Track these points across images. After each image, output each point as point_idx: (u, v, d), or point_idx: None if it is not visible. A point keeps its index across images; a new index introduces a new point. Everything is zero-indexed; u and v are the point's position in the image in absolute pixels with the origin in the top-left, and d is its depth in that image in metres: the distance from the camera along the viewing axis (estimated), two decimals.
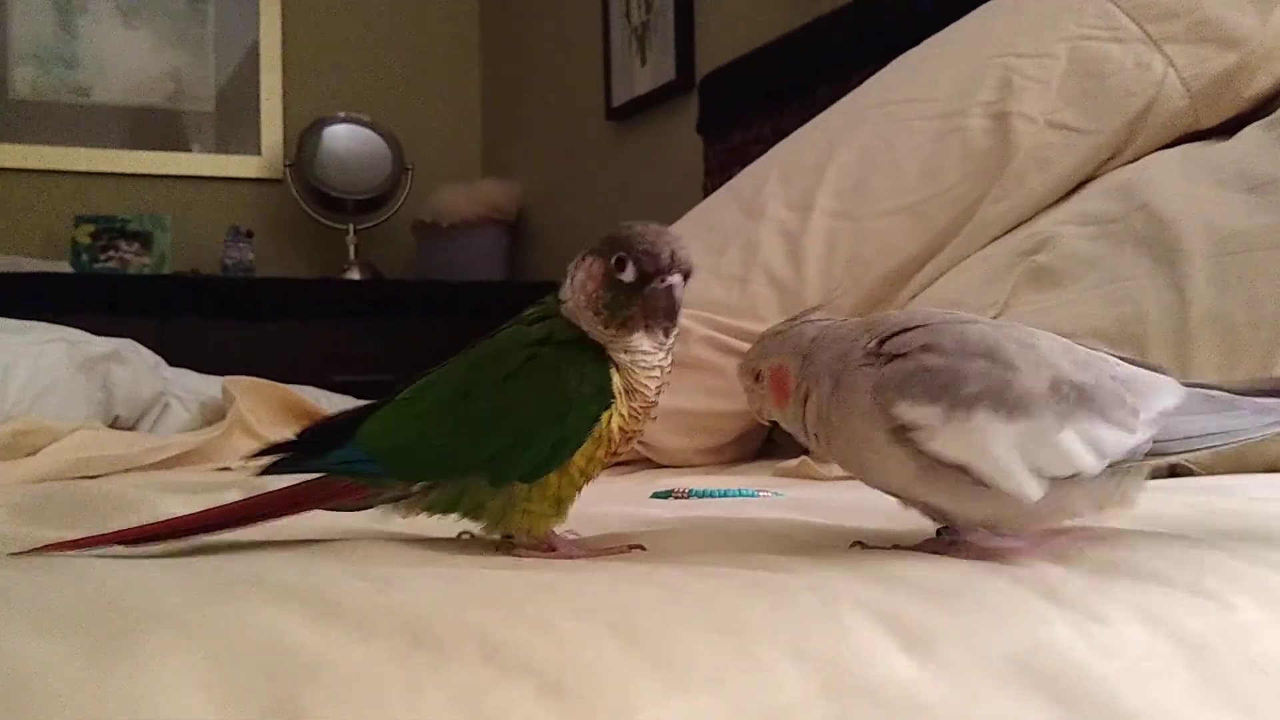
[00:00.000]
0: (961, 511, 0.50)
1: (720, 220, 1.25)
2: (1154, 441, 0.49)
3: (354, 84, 2.95)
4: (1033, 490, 0.47)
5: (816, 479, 0.92)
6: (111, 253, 2.56)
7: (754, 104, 1.90)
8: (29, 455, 1.10)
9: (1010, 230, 1.09)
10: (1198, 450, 0.51)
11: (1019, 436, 0.47)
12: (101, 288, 2.41)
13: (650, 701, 0.32)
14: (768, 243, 1.17)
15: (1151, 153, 1.07)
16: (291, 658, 0.32)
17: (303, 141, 2.74)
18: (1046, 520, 0.50)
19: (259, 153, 2.90)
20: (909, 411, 0.48)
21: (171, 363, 1.66)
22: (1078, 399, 0.48)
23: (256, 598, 0.37)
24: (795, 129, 1.36)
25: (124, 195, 2.75)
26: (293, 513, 0.52)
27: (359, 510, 0.54)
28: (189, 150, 2.86)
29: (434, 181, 2.84)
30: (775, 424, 0.56)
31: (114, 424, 1.41)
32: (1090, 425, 0.48)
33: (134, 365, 1.46)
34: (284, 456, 0.53)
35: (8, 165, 2.68)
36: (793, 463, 0.99)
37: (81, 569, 0.43)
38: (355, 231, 2.81)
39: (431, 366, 0.54)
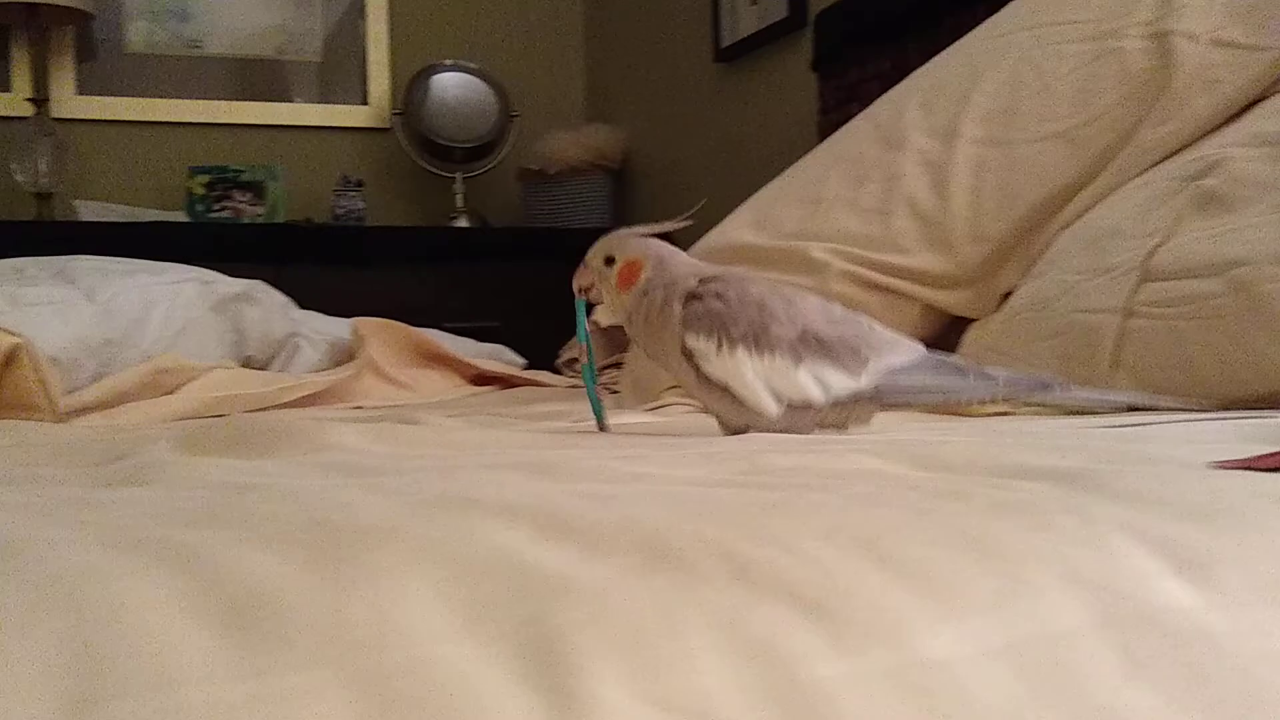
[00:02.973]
0: (729, 418, 0.67)
1: (858, 151, 1.20)
2: (876, 389, 0.64)
3: (459, 31, 2.93)
4: (772, 408, 0.64)
5: None
6: (225, 202, 2.59)
7: (873, 39, 1.83)
8: (168, 394, 1.11)
9: (1172, 155, 1.03)
10: (911, 401, 0.68)
11: (765, 368, 0.64)
12: (218, 236, 2.44)
13: (922, 628, 0.29)
14: (911, 174, 1.12)
15: None
16: (530, 575, 0.29)
17: (410, 90, 2.74)
18: (792, 431, 0.64)
19: (366, 102, 2.90)
20: (692, 341, 0.66)
21: None
22: (817, 347, 0.64)
23: (475, 515, 0.34)
24: (918, 63, 1.30)
25: (236, 146, 2.77)
26: None
27: None
28: (298, 101, 2.88)
29: (539, 128, 2.82)
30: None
31: (246, 364, 1.41)
32: (821, 368, 0.63)
33: (265, 306, 1.46)
34: None
35: (124, 118, 2.72)
36: None
37: (281, 492, 0.41)
38: (463, 179, 2.80)
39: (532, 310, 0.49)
